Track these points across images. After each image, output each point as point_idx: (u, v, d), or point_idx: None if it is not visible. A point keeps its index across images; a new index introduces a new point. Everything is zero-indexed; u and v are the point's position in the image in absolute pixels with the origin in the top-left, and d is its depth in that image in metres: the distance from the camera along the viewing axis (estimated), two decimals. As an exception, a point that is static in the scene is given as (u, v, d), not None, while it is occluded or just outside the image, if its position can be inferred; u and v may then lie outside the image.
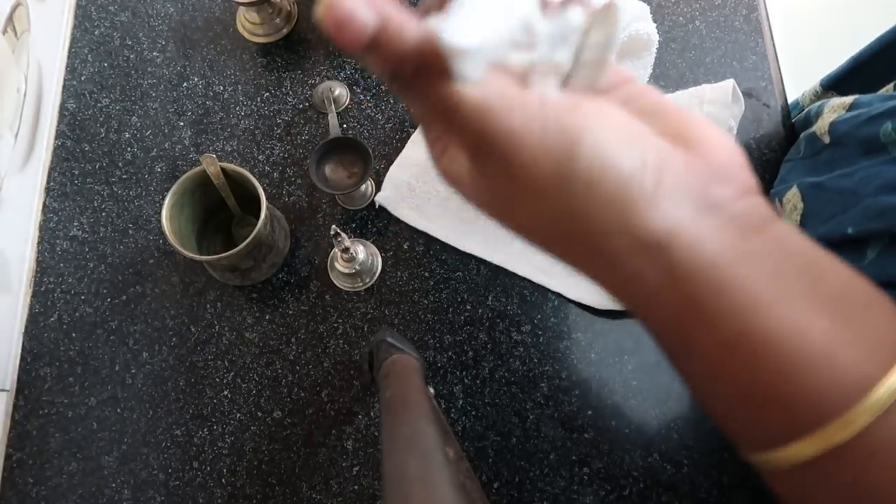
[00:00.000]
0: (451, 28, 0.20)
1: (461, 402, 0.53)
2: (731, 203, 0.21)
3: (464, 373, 0.54)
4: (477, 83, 0.21)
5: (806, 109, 0.59)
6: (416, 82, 0.22)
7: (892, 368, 0.20)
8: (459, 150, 0.24)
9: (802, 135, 0.56)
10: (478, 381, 0.54)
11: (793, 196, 0.51)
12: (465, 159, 0.24)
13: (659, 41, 0.58)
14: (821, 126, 0.53)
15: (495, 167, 0.22)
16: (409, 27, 0.20)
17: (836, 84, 0.66)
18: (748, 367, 0.21)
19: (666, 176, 0.21)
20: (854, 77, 0.64)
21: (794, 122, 0.61)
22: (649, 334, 0.25)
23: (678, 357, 0.24)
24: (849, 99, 0.53)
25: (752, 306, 0.21)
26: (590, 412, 0.53)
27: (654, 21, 0.58)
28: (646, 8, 0.57)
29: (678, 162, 0.21)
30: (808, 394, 0.21)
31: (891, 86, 0.55)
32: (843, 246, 0.44)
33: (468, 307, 0.56)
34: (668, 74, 0.62)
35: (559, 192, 0.21)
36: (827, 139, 0.52)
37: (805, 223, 0.49)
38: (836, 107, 0.54)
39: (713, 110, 0.55)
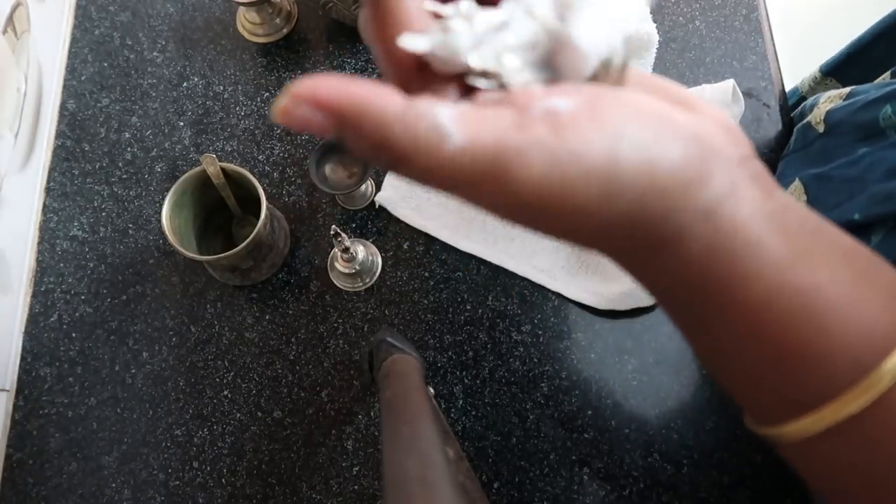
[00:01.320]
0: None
1: (461, 402, 0.53)
2: (750, 162, 0.21)
3: (464, 373, 0.54)
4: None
5: (802, 105, 0.59)
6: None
7: None
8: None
9: (796, 128, 0.56)
10: (478, 381, 0.54)
11: (795, 189, 0.51)
12: None
13: (659, 41, 0.59)
14: (816, 116, 0.53)
15: (520, 210, 0.20)
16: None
17: (836, 69, 0.66)
18: (783, 322, 0.21)
19: (709, 143, 0.20)
20: (853, 62, 0.64)
21: (791, 117, 0.61)
22: (668, 311, 0.24)
23: (705, 326, 0.23)
24: (845, 90, 0.53)
25: (784, 260, 0.20)
26: (590, 412, 0.53)
27: (654, 21, 0.58)
28: (646, 8, 0.57)
29: (710, 126, 0.21)
30: (843, 348, 0.20)
31: (887, 74, 0.55)
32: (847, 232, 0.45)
33: (468, 307, 0.56)
34: (668, 74, 0.62)
35: (605, 205, 0.19)
36: (821, 128, 0.52)
37: None
38: (832, 97, 0.54)
39: (713, 110, 0.55)
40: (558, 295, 0.56)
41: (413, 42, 0.20)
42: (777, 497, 0.51)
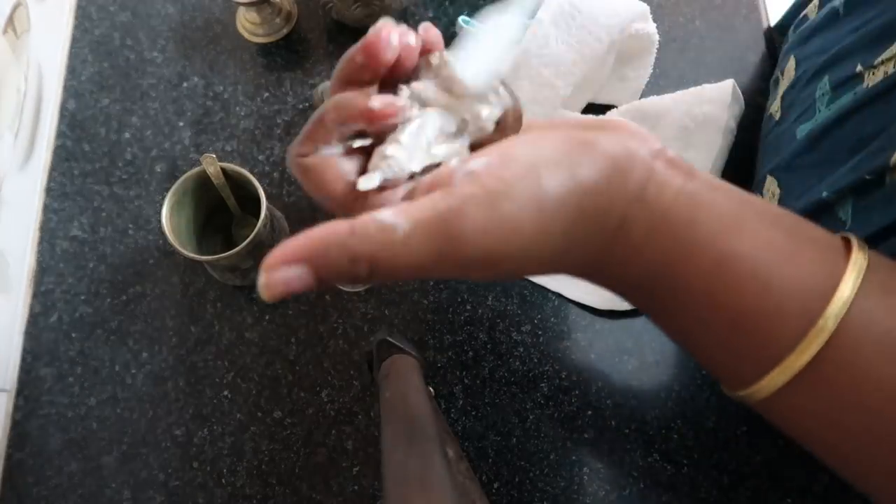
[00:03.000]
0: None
1: (461, 402, 0.53)
2: (663, 152, 0.24)
3: (464, 373, 0.54)
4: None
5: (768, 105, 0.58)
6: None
7: (847, 269, 0.22)
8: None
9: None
10: (478, 381, 0.54)
11: (770, 184, 0.49)
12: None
13: (659, 41, 0.59)
14: (775, 105, 0.52)
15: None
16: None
17: None
18: (731, 289, 0.23)
19: (620, 147, 0.23)
20: None
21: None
22: (637, 304, 0.27)
23: (668, 309, 0.25)
24: (790, 65, 0.52)
25: (722, 230, 0.23)
26: (590, 412, 0.53)
27: (654, 21, 0.58)
28: (646, 8, 0.57)
29: (617, 134, 0.24)
30: (791, 301, 0.22)
31: (812, 4, 0.53)
32: (819, 215, 0.41)
33: (468, 307, 0.56)
34: (668, 74, 0.62)
35: (548, 224, 0.22)
36: (778, 115, 0.51)
37: (783, 204, 0.47)
38: (783, 81, 0.52)
39: (713, 110, 0.55)
40: (558, 295, 0.56)
41: (369, 182, 0.24)
42: (777, 497, 0.51)
